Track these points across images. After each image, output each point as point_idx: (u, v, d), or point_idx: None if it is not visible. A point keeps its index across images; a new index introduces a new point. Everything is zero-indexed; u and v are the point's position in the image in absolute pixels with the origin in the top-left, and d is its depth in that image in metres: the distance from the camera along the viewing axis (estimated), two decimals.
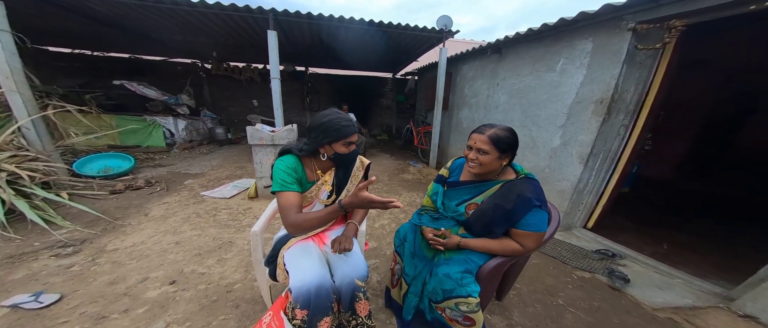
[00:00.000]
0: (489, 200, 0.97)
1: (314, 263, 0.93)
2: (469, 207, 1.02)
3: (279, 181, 0.93)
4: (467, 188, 1.05)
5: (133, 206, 2.36)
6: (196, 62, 5.55)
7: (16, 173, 2.13)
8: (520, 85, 2.67)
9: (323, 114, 0.97)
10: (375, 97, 7.35)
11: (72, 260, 1.54)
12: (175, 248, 1.76)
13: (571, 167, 2.11)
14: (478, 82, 3.50)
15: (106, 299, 1.26)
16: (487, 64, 3.30)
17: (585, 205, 2.13)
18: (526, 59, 2.61)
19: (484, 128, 0.95)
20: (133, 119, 4.06)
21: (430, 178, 3.83)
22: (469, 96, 3.75)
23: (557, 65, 2.21)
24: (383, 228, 2.28)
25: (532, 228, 0.91)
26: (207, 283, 1.46)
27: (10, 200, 1.88)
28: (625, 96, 1.76)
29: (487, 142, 0.92)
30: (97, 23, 3.58)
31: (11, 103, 2.53)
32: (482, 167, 0.95)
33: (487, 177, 1.01)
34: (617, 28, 1.70)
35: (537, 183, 0.95)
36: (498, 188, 0.97)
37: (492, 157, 0.93)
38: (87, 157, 3.05)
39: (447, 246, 0.99)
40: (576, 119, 2.05)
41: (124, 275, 1.44)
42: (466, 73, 3.84)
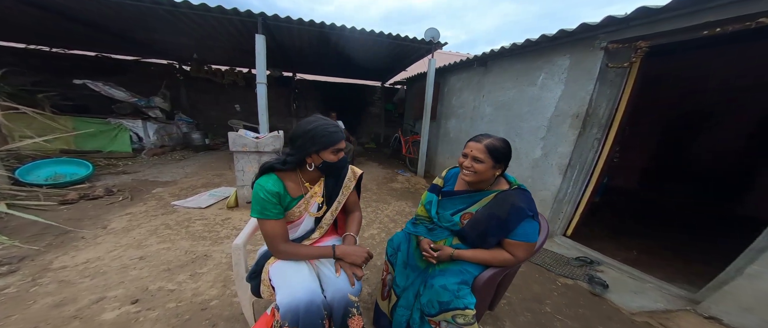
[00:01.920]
0: (483, 210, 0.97)
1: (304, 278, 0.87)
2: (464, 217, 1.02)
3: (258, 207, 0.88)
4: (462, 198, 1.05)
5: (88, 217, 2.08)
6: (173, 64, 5.26)
7: None
8: (504, 98, 2.82)
9: (308, 121, 0.91)
10: (364, 106, 7.38)
11: (6, 281, 1.30)
12: (139, 263, 1.57)
13: (551, 177, 2.22)
14: (465, 94, 3.64)
15: (49, 323, 1.06)
16: (473, 76, 3.45)
17: (564, 214, 2.24)
18: (509, 73, 2.77)
19: (481, 137, 0.97)
20: (94, 122, 3.68)
21: (419, 187, 3.85)
22: (456, 106, 3.88)
23: (538, 79, 2.37)
24: (373, 238, 2.22)
25: (524, 238, 0.92)
26: (177, 300, 1.31)
27: None
28: (598, 111, 1.91)
29: (483, 151, 0.93)
30: (60, 18, 3.29)
31: None
32: (477, 176, 0.96)
33: (480, 187, 1.02)
34: (591, 47, 1.87)
35: (529, 194, 0.98)
36: (492, 197, 0.99)
37: (486, 167, 0.94)
38: (33, 164, 2.69)
39: (440, 258, 0.98)
40: (555, 132, 2.19)
41: (74, 296, 1.24)
42: (454, 84, 4.00)
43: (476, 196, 1.01)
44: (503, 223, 0.91)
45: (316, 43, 3.88)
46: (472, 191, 1.02)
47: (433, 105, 4.12)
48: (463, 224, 1.00)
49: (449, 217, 1.03)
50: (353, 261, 0.93)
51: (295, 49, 4.19)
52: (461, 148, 1.00)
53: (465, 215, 1.01)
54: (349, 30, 3.17)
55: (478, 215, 0.97)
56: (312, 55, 4.54)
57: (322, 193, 1.02)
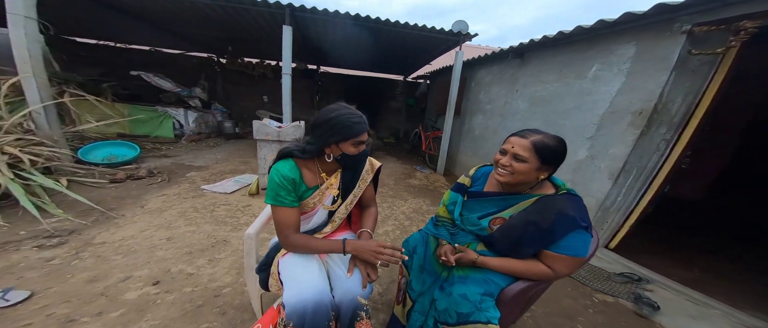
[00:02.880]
0: (520, 216, 0.82)
1: (313, 276, 0.80)
2: (494, 221, 0.87)
3: (272, 193, 0.81)
4: (493, 200, 0.89)
5: (130, 196, 2.25)
6: (212, 57, 5.52)
7: (18, 156, 2.06)
8: (543, 93, 2.49)
9: (330, 109, 0.83)
10: (384, 100, 7.20)
11: (54, 253, 1.41)
12: (166, 244, 1.63)
13: (598, 182, 1.91)
14: (496, 88, 3.31)
15: (80, 298, 1.12)
16: (506, 69, 3.11)
17: (610, 224, 1.92)
18: (551, 65, 2.43)
19: (527, 133, 0.81)
20: (144, 109, 4.02)
21: (438, 185, 3.65)
22: (484, 102, 3.56)
23: (589, 71, 2.03)
24: (387, 235, 2.12)
25: (570, 252, 0.75)
26: (194, 285, 1.32)
27: (6, 184, 1.80)
28: (670, 107, 1.56)
29: (528, 148, 0.77)
30: (122, 15, 3.57)
31: (25, 88, 2.48)
32: (514, 177, 0.80)
33: (518, 189, 0.85)
34: (668, 31, 1.51)
35: (580, 201, 0.79)
36: (531, 202, 0.82)
37: (529, 167, 0.78)
38: (93, 145, 2.99)
39: (461, 263, 0.85)
40: (608, 131, 1.86)
41: (105, 273, 1.31)
42: (483, 78, 3.66)
43: (511, 199, 0.86)
44: (545, 232, 0.76)
45: (340, 36, 3.78)
46: (507, 193, 0.88)
47: (458, 100, 3.84)
48: (492, 229, 0.87)
49: (476, 220, 0.90)
50: (367, 259, 0.83)
51: (320, 41, 4.13)
52: (486, 146, 0.83)
53: (496, 220, 0.87)
54: (374, 20, 3.02)
55: (513, 221, 0.83)
56: (336, 48, 4.46)
57: (339, 185, 0.93)
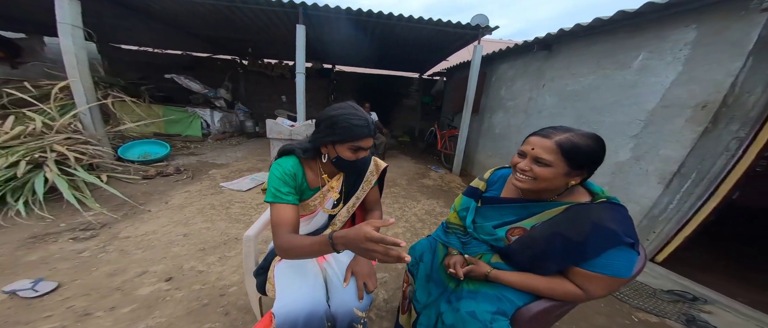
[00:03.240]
0: (544, 227, 0.70)
1: (307, 284, 0.75)
2: (512, 232, 0.76)
3: (272, 189, 0.74)
4: (512, 208, 0.78)
5: (158, 192, 2.40)
6: (235, 59, 5.78)
7: (64, 154, 2.29)
8: (575, 87, 2.23)
9: (335, 106, 0.75)
10: (399, 98, 7.07)
11: (86, 245, 1.53)
12: (183, 240, 1.70)
13: (644, 186, 1.66)
14: (519, 83, 3.05)
15: (99, 292, 1.19)
16: (531, 62, 2.85)
17: (658, 234, 1.65)
18: (585, 56, 2.17)
19: (550, 132, 0.68)
20: (176, 110, 4.31)
21: (453, 186, 3.48)
22: (505, 98, 3.30)
23: (635, 61, 1.76)
24: (397, 238, 2.03)
25: (609, 271, 0.62)
26: (202, 283, 1.35)
27: (53, 179, 2.00)
28: (745, 99, 1.28)
29: (552, 150, 0.65)
30: (155, 21, 3.84)
31: (74, 91, 2.75)
32: (536, 183, 0.68)
33: (543, 196, 0.72)
34: (743, 11, 1.24)
35: (625, 212, 0.64)
36: (560, 211, 0.69)
37: (555, 172, 0.65)
38: (131, 143, 3.25)
39: (471, 276, 0.77)
40: (659, 128, 1.60)
41: (125, 267, 1.38)
42: (504, 72, 3.40)
43: (534, 207, 0.74)
44: (576, 247, 0.64)
45: (354, 33, 3.72)
46: (529, 200, 0.76)
47: (477, 97, 3.62)
48: (509, 240, 0.76)
49: (490, 229, 0.79)
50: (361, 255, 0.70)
51: (334, 40, 4.11)
52: (506, 145, 0.71)
53: (514, 230, 0.76)
54: (387, 16, 2.91)
55: (535, 233, 0.71)
56: (350, 46, 4.41)
57: (340, 188, 0.87)
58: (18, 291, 1.09)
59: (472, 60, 3.30)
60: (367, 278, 0.78)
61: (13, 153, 2.07)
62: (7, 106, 2.69)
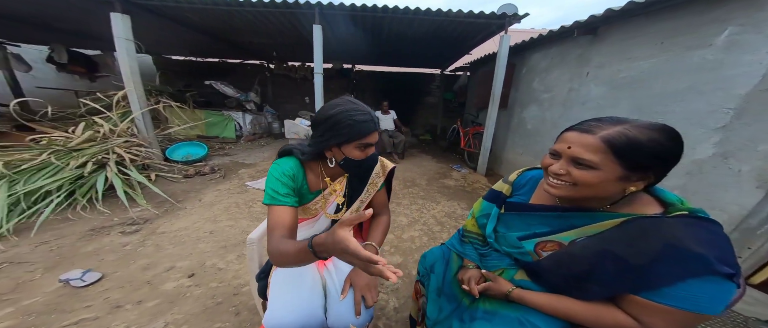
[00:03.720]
0: (590, 243, 0.56)
1: (302, 296, 0.69)
2: (544, 246, 0.62)
3: (269, 191, 0.69)
4: (544, 217, 0.64)
5: (194, 190, 2.62)
6: (263, 63, 6.09)
7: (122, 155, 2.62)
8: (630, 72, 1.92)
9: (332, 104, 0.69)
10: (420, 95, 6.85)
11: (130, 239, 1.72)
12: (208, 237, 1.81)
13: (733, 191, 1.35)
14: (555, 73, 2.74)
15: (132, 285, 1.31)
16: (571, 49, 2.53)
17: (755, 252, 1.32)
18: (643, 36, 1.84)
19: (594, 125, 0.52)
20: (215, 113, 4.71)
21: (477, 187, 3.24)
22: (539, 91, 2.98)
23: (717, 38, 1.43)
24: (412, 241, 1.93)
25: (690, 306, 0.45)
26: (220, 281, 1.41)
27: (112, 178, 2.30)
28: None
29: (598, 149, 0.50)
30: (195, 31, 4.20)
31: (130, 99, 3.12)
32: (575, 190, 0.54)
33: (587, 205, 0.58)
34: None
35: (718, 229, 0.48)
36: (614, 225, 0.54)
37: (603, 177, 0.50)
38: (176, 145, 3.62)
39: (489, 293, 0.66)
40: (756, 118, 1.28)
41: (157, 261, 1.51)
42: (537, 63, 3.07)
43: (576, 218, 0.59)
44: (637, 271, 0.48)
45: (370, 31, 3.64)
46: (569, 209, 0.61)
47: (505, 90, 3.30)
48: (539, 255, 0.63)
49: (515, 242, 0.67)
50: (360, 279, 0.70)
51: (352, 39, 4.07)
52: (540, 142, 0.58)
53: (546, 243, 0.62)
54: (403, 10, 2.77)
55: (576, 249, 0.57)
56: (369, 45, 4.33)
57: (344, 192, 0.81)
58: (70, 280, 1.24)
59: (498, 51, 3.00)
60: (366, 291, 0.71)
61: (82, 155, 2.43)
62: (85, 114, 3.17)
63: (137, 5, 2.82)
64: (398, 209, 2.46)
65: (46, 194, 2.01)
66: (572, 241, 0.58)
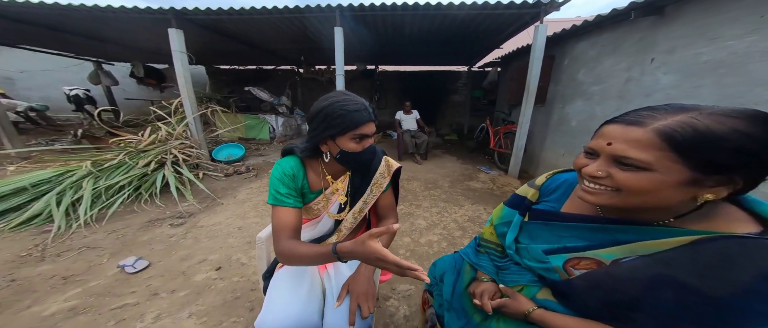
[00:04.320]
0: (641, 264, 0.44)
1: (299, 299, 0.68)
2: (576, 263, 0.51)
3: (272, 192, 0.70)
4: (578, 229, 0.53)
5: (231, 188, 2.88)
6: (293, 68, 6.43)
7: (177, 155, 3.01)
8: (717, 55, 1.60)
9: (324, 97, 0.68)
10: (446, 94, 6.55)
11: (176, 231, 1.95)
12: (237, 232, 1.96)
13: None
14: (608, 62, 2.41)
15: (170, 274, 1.47)
16: (627, 34, 2.21)
17: None
18: (730, 12, 1.53)
19: (644, 115, 0.41)
20: (253, 117, 5.14)
21: (507, 189, 2.96)
22: (586, 83, 2.65)
23: None
24: (430, 246, 1.84)
25: None
26: (241, 275, 1.51)
27: (168, 176, 2.66)
28: None
29: (650, 144, 0.38)
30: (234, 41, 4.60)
31: (184, 105, 3.57)
32: (620, 198, 0.42)
33: (640, 216, 0.46)
34: None
35: None
36: (679, 245, 0.41)
37: (660, 181, 0.38)
38: (221, 146, 4.03)
39: (505, 311, 0.58)
40: None
41: (193, 253, 1.69)
42: (582, 52, 2.72)
43: (622, 232, 0.48)
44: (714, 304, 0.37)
45: (394, 29, 3.54)
46: (615, 220, 0.49)
47: (542, 84, 2.96)
48: (568, 274, 0.52)
49: (540, 254, 0.57)
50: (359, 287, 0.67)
51: (374, 40, 4.02)
52: (587, 141, 0.47)
53: (580, 260, 0.51)
54: (424, 6, 2.62)
55: (621, 271, 0.45)
56: (392, 45, 4.24)
57: (347, 191, 0.79)
58: (125, 267, 1.45)
59: (533, 43, 2.67)
60: (363, 300, 0.66)
61: (148, 155, 2.85)
62: (154, 120, 3.72)
63: (187, 20, 3.18)
64: (417, 212, 2.37)
65: (120, 189, 2.41)
66: (616, 260, 0.46)
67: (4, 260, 1.49)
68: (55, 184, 2.23)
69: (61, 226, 1.85)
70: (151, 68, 5.87)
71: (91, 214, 2.03)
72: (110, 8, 2.92)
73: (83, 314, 1.15)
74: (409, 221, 2.18)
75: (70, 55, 5.85)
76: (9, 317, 1.11)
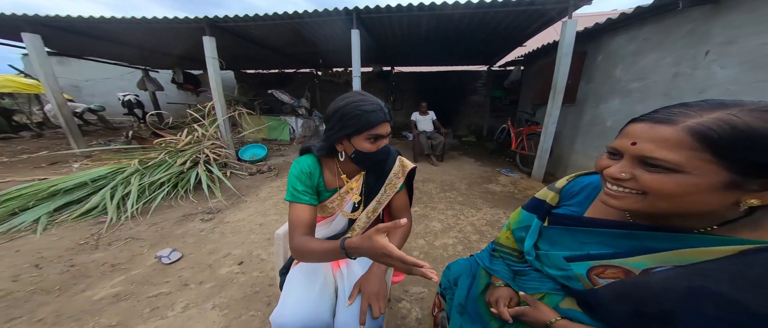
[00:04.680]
0: (678, 274, 0.40)
1: (310, 296, 0.70)
2: (601, 271, 0.48)
3: (290, 189, 0.73)
4: (604, 235, 0.50)
5: (254, 186, 3.05)
6: (312, 71, 6.63)
7: (208, 155, 3.26)
8: None
9: (341, 97, 0.70)
10: (464, 94, 6.35)
11: (205, 226, 2.11)
12: (258, 229, 2.07)
13: None
14: (651, 57, 2.21)
15: (199, 266, 1.59)
16: (675, 26, 2.01)
17: None
18: None
19: (672, 112, 0.37)
20: (275, 119, 5.39)
21: (530, 193, 2.79)
22: (624, 80, 2.47)
23: None
24: (445, 249, 1.80)
25: None
26: (261, 270, 1.59)
27: (201, 175, 2.88)
28: None
29: (682, 143, 0.35)
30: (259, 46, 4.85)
31: (216, 108, 3.84)
32: (648, 203, 0.39)
33: (676, 223, 0.42)
34: None
35: None
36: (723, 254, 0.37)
37: (693, 184, 0.35)
38: (246, 146, 4.28)
39: (525, 320, 0.56)
40: None
41: (219, 247, 1.81)
42: (620, 47, 2.52)
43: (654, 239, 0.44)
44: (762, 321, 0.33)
45: (411, 31, 3.49)
46: (645, 227, 0.45)
47: (572, 83, 2.76)
48: (593, 283, 0.49)
49: (561, 263, 0.54)
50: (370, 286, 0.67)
51: (391, 41, 4.00)
52: None
53: (605, 269, 0.48)
54: (441, 6, 2.54)
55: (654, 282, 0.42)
56: (409, 45, 4.19)
57: (361, 190, 0.80)
58: (162, 258, 1.60)
59: (560, 39, 2.50)
60: (374, 300, 0.66)
61: (184, 155, 3.12)
62: (191, 122, 4.07)
63: (218, 27, 3.41)
64: (432, 214, 2.32)
65: (161, 185, 2.67)
66: (646, 269, 0.43)
67: (66, 247, 1.72)
68: (110, 180, 2.52)
69: (113, 217, 2.09)
70: (189, 74, 6.40)
71: (137, 207, 2.26)
72: (155, 19, 3.23)
73: (124, 300, 1.29)
74: (423, 223, 2.14)
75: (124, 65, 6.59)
76: (67, 299, 1.28)
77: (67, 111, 3.91)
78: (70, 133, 3.92)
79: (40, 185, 2.27)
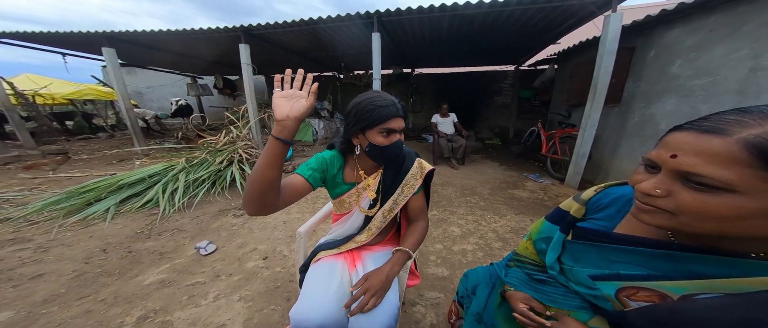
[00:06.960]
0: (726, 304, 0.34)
1: (328, 294, 0.71)
2: (633, 294, 0.43)
3: (303, 165, 0.78)
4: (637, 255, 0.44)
5: None
6: (334, 74, 6.74)
7: (242, 154, 3.50)
8: None
9: (359, 95, 0.74)
10: (488, 95, 6.01)
11: (237, 221, 2.26)
12: (282, 226, 2.17)
13: None
14: (719, 50, 1.95)
15: (229, 259, 1.71)
16: (750, 14, 1.78)
17: None
18: None
19: (726, 120, 0.30)
20: None
21: (561, 200, 2.54)
22: (684, 77, 2.20)
23: None
24: (464, 255, 1.72)
25: None
26: (283, 266, 1.66)
27: (235, 173, 3.12)
28: None
29: (735, 158, 0.28)
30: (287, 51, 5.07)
31: (249, 111, 4.11)
32: (682, 221, 0.33)
33: (724, 245, 0.36)
34: None
35: None
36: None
37: (748, 207, 0.28)
38: None
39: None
40: None
41: (248, 242, 1.93)
42: (678, 41, 2.24)
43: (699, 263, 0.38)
44: None
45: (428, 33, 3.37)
46: (690, 248, 0.39)
47: (617, 81, 2.47)
48: (624, 305, 0.44)
49: (586, 280, 0.49)
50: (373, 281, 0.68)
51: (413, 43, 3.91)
52: None
53: (638, 291, 0.42)
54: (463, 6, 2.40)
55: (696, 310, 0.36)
56: (431, 47, 4.06)
57: (377, 187, 0.81)
58: (200, 249, 1.75)
59: (602, 34, 2.22)
60: (370, 294, 0.66)
61: (222, 154, 3.39)
62: (228, 124, 4.41)
63: (251, 35, 3.63)
64: (451, 218, 2.23)
65: (202, 182, 2.93)
66: (686, 295, 0.38)
67: (126, 235, 1.97)
68: (163, 176, 2.84)
69: (165, 210, 2.34)
70: (228, 80, 6.95)
71: (183, 201, 2.51)
72: (201, 29, 3.56)
73: (167, 286, 1.42)
74: (441, 227, 2.06)
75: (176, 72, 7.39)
76: (123, 283, 1.46)
77: (133, 115, 4.49)
78: (134, 135, 4.50)
79: (111, 179, 2.63)
